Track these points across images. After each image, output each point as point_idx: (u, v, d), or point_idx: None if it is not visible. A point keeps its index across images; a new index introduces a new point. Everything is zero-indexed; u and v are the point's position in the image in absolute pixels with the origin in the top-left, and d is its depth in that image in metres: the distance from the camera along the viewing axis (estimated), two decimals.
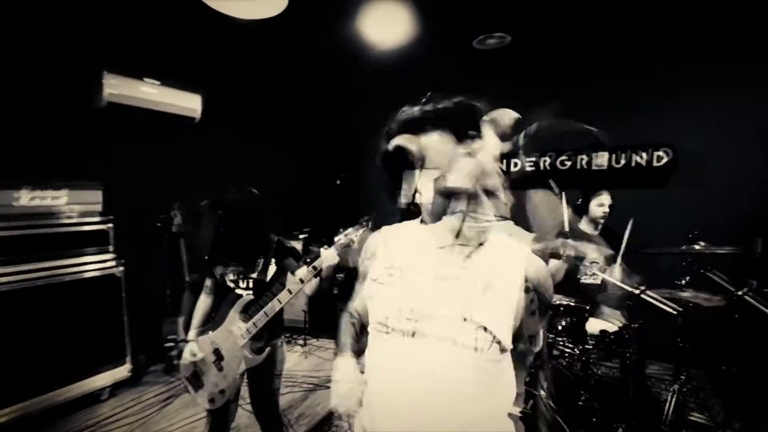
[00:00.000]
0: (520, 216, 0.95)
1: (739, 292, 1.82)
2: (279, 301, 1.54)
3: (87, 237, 2.62)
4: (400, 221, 0.98)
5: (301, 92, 4.50)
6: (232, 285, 1.67)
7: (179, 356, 1.76)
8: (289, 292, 1.53)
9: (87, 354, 2.58)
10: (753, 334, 2.43)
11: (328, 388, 2.84)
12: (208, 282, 1.72)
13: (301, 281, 1.53)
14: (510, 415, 0.85)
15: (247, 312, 1.61)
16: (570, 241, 1.83)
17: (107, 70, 2.76)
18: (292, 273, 1.60)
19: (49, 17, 2.57)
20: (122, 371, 2.75)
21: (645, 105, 3.14)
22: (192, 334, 1.68)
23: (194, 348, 1.63)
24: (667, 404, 2.14)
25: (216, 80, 3.62)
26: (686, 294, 2.01)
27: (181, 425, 2.40)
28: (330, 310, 3.81)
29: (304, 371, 3.20)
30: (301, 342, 3.72)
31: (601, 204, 2.42)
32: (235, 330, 1.60)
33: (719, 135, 2.93)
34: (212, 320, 1.69)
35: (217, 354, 1.63)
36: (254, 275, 1.67)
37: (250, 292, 1.65)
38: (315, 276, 1.53)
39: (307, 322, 3.78)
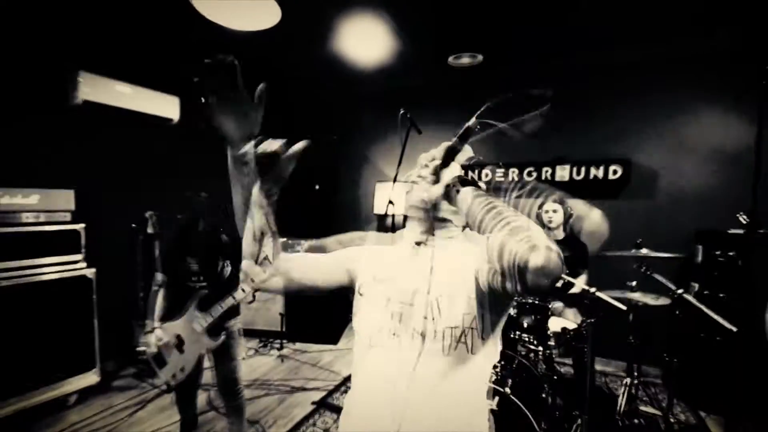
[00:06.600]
0: None
1: (679, 291, 2.03)
2: (233, 297, 1.81)
3: (58, 238, 2.55)
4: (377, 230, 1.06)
5: (279, 101, 4.55)
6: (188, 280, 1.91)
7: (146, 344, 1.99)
8: (242, 290, 1.79)
9: (54, 358, 2.49)
10: (692, 329, 2.70)
11: (305, 390, 2.89)
12: (159, 277, 1.98)
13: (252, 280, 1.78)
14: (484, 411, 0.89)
15: (204, 304, 1.86)
16: None
17: (84, 69, 2.73)
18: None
19: (26, 17, 2.53)
20: (91, 376, 2.68)
21: (604, 122, 3.43)
22: (156, 323, 1.93)
23: (159, 333, 1.90)
24: (620, 397, 2.34)
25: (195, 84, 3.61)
26: (635, 294, 2.22)
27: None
28: (307, 314, 3.85)
29: (280, 375, 3.21)
30: (277, 345, 3.72)
31: (546, 210, 2.72)
32: (194, 319, 1.86)
33: (668, 152, 3.24)
34: (178, 312, 1.92)
35: (179, 339, 1.90)
36: (209, 272, 1.92)
37: (205, 285, 1.92)
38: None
39: (283, 324, 3.80)
